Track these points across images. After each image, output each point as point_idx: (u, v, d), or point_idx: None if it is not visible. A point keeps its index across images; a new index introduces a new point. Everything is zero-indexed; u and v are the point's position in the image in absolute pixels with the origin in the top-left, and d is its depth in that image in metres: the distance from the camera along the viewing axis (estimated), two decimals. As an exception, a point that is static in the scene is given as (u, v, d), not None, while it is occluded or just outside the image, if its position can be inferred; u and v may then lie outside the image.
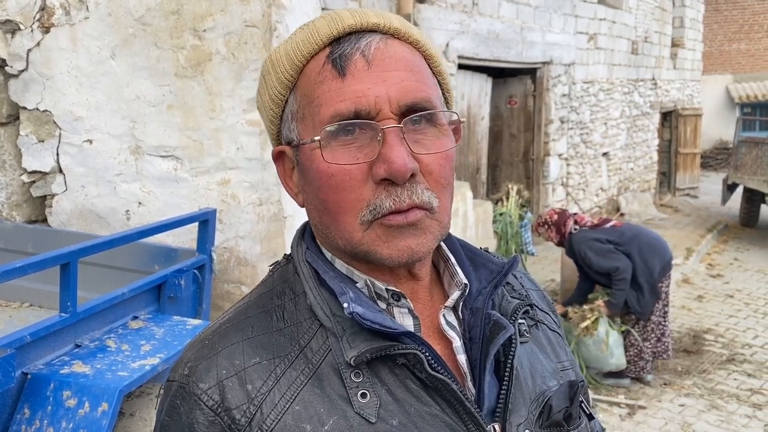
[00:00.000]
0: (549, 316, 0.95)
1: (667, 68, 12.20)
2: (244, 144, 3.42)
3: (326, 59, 0.74)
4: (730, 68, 19.71)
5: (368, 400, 0.70)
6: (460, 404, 0.72)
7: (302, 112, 0.76)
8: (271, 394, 0.70)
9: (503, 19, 7.07)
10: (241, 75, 3.33)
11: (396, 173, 0.70)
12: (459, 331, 0.80)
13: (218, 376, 0.72)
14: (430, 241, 0.74)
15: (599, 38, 9.29)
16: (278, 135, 0.82)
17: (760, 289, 7.75)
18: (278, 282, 0.81)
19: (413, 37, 0.78)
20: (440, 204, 0.74)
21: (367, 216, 0.72)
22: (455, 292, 0.81)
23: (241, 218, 3.50)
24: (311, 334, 0.74)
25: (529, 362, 0.83)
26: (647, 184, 11.82)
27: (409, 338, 0.73)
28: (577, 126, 8.87)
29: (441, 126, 0.76)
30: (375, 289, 0.77)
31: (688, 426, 4.39)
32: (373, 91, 0.71)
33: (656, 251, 4.66)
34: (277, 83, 0.78)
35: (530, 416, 0.79)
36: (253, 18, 3.27)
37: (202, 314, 3.08)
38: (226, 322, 0.78)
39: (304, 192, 0.80)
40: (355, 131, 0.72)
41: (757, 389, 4.98)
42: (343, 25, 0.75)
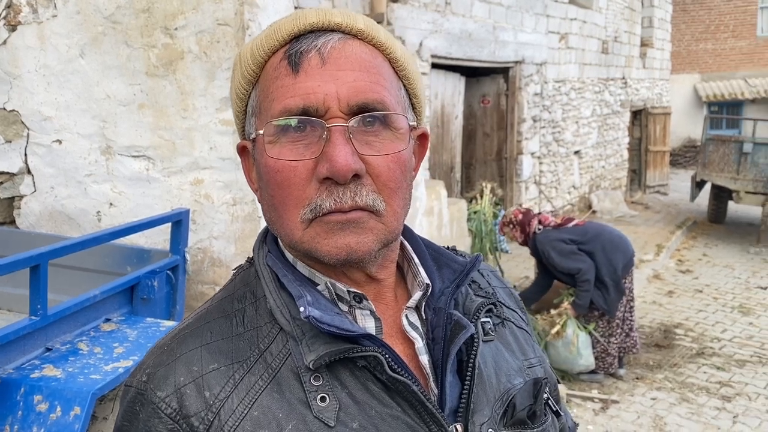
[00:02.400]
0: (516, 313, 0.94)
1: (636, 67, 12.39)
2: (218, 143, 3.39)
3: (283, 55, 0.74)
4: (697, 68, 20.07)
5: (327, 404, 0.70)
6: (421, 405, 0.71)
7: (259, 107, 0.76)
8: (229, 400, 0.70)
9: (476, 19, 7.11)
10: (213, 74, 3.30)
11: (337, 173, 0.69)
12: (422, 332, 0.80)
13: (176, 384, 0.71)
14: (371, 242, 0.72)
15: (570, 38, 9.40)
16: (243, 130, 0.82)
17: (727, 284, 7.91)
18: (240, 286, 0.80)
19: (377, 39, 0.77)
20: (388, 208, 0.73)
21: (308, 215, 0.71)
22: (417, 293, 0.80)
23: (215, 218, 3.48)
24: (271, 339, 0.74)
25: (494, 361, 0.83)
26: (618, 182, 11.99)
27: (369, 340, 0.72)
28: (550, 125, 8.96)
29: (397, 130, 0.74)
30: (336, 291, 0.76)
31: (660, 419, 4.47)
32: (322, 89, 0.71)
33: (619, 248, 4.73)
34: (241, 79, 0.78)
35: (494, 415, 0.78)
36: (225, 16, 3.25)
37: (176, 316, 3.05)
38: (186, 328, 0.78)
39: (259, 187, 0.79)
40: (305, 129, 0.72)
41: (725, 382, 5.08)
42: (305, 22, 0.75)
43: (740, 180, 9.61)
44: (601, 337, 4.83)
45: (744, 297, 7.40)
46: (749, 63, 19.65)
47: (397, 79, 0.78)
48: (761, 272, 8.45)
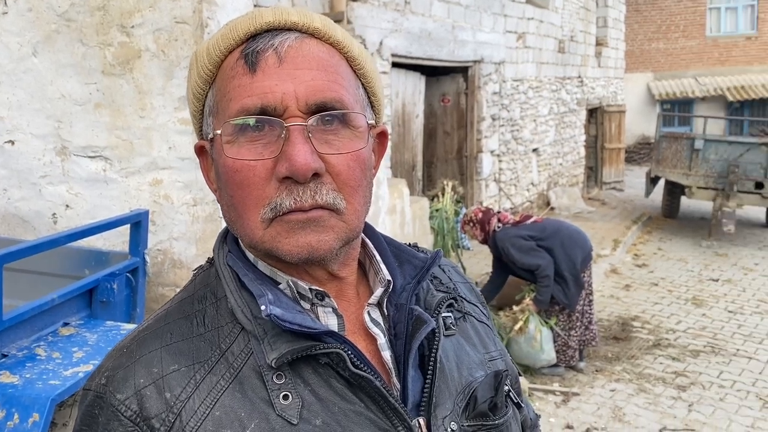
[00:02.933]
0: (477, 307, 0.96)
1: (592, 66, 12.64)
2: (177, 143, 3.35)
3: (240, 54, 0.74)
4: (650, 67, 20.58)
5: (290, 402, 0.70)
6: (384, 400, 0.72)
7: (216, 107, 0.76)
8: (190, 401, 0.69)
9: (435, 18, 7.16)
10: (171, 72, 3.26)
11: (297, 171, 0.69)
12: (384, 328, 0.80)
13: (136, 386, 0.70)
14: (332, 240, 0.73)
15: (528, 37, 9.53)
16: (200, 129, 0.81)
17: (681, 277, 8.14)
18: (200, 286, 0.80)
19: (334, 38, 0.77)
20: (348, 206, 0.74)
21: (268, 214, 0.71)
22: (378, 290, 0.81)
23: (175, 219, 3.43)
24: (232, 338, 0.73)
25: (456, 354, 0.84)
26: (575, 179, 12.21)
27: (332, 337, 0.72)
28: (508, 123, 9.07)
29: (356, 129, 0.75)
30: (298, 289, 0.77)
31: (619, 409, 4.58)
32: (280, 88, 0.71)
33: (577, 243, 4.84)
34: (197, 78, 0.78)
35: (456, 408, 0.79)
36: (183, 14, 3.20)
37: (137, 318, 3.00)
38: (145, 329, 0.77)
39: (218, 188, 0.79)
40: (264, 128, 0.71)
41: (681, 372, 5.23)
42: (262, 21, 0.74)
43: (692, 176, 9.89)
44: (562, 331, 4.93)
45: (697, 289, 7.63)
46: (699, 62, 20.24)
47: (355, 78, 0.79)
48: (713, 265, 8.72)
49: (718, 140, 9.95)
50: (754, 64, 19.78)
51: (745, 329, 6.31)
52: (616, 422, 4.41)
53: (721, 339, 6.02)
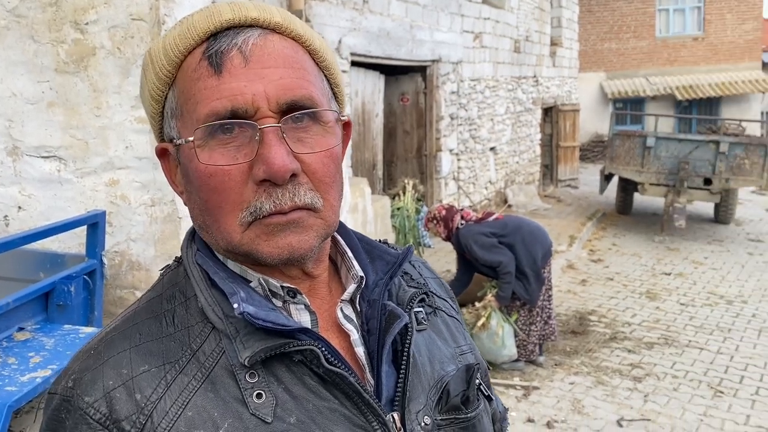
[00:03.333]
0: (447, 302, 0.96)
1: (547, 66, 12.85)
2: (134, 142, 3.29)
3: (202, 56, 0.72)
4: (603, 66, 21.06)
5: (264, 400, 0.69)
6: (358, 396, 0.72)
7: (180, 110, 0.74)
8: (161, 402, 0.68)
9: (393, 18, 7.18)
10: (128, 70, 3.20)
11: (275, 174, 0.68)
12: (357, 324, 0.80)
13: (105, 388, 0.69)
14: (312, 239, 0.73)
15: (484, 37, 9.64)
16: (161, 132, 0.79)
17: (635, 271, 8.35)
18: (168, 286, 0.78)
19: (296, 32, 0.75)
20: (325, 203, 0.74)
21: (247, 218, 0.71)
22: (351, 286, 0.81)
23: (133, 220, 3.37)
24: (203, 338, 0.72)
25: (428, 349, 0.84)
26: (532, 177, 12.41)
27: (305, 334, 0.72)
28: (466, 122, 9.17)
29: (326, 124, 0.75)
30: (269, 287, 0.76)
31: (578, 402, 4.67)
32: (250, 89, 0.69)
33: (538, 239, 4.92)
34: (155, 79, 0.75)
35: (429, 402, 0.79)
36: (139, 11, 3.14)
37: (95, 322, 2.94)
38: (113, 330, 0.75)
39: (186, 191, 0.77)
40: (234, 130, 0.70)
41: (636, 364, 5.37)
42: (221, 19, 0.72)
43: (644, 173, 10.15)
44: (523, 326, 5.00)
45: (651, 283, 7.84)
46: (649, 62, 20.80)
47: (318, 71, 0.78)
48: (665, 259, 8.97)
49: (669, 138, 10.24)
50: (701, 64, 20.43)
51: (696, 321, 6.52)
52: (576, 414, 4.50)
53: (674, 331, 6.20)
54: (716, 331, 6.25)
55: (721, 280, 8.05)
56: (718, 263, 8.82)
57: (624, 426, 4.33)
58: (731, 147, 9.59)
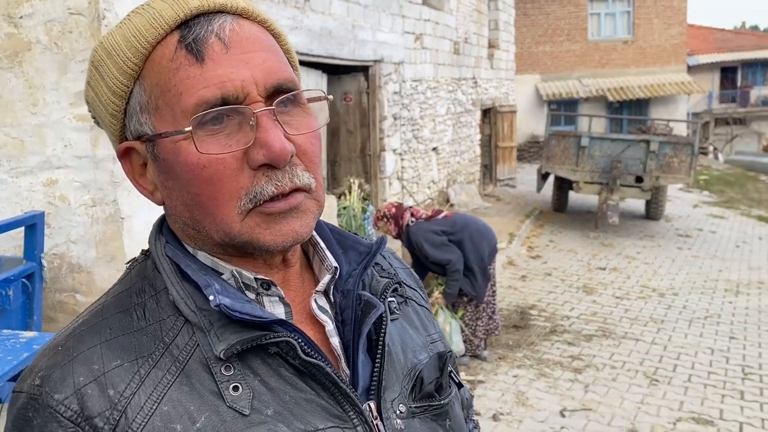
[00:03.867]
0: (417, 292, 0.97)
1: (485, 68, 13.09)
2: (73, 141, 3.18)
3: (178, 44, 0.70)
4: (538, 69, 21.61)
5: (241, 393, 0.68)
6: (335, 386, 0.72)
7: (155, 103, 0.71)
8: (135, 397, 0.66)
9: (335, 17, 7.17)
10: (66, 66, 3.09)
11: (277, 157, 0.68)
12: (331, 315, 0.80)
13: (75, 384, 0.67)
14: (311, 221, 0.74)
15: (425, 38, 9.75)
16: (122, 130, 0.76)
17: (572, 267, 8.62)
18: (137, 279, 0.76)
19: (261, 17, 0.75)
20: (316, 183, 0.74)
21: (247, 204, 0.70)
22: (326, 276, 0.81)
23: (72, 221, 3.26)
24: (176, 331, 0.71)
25: (401, 338, 0.85)
26: (472, 176, 12.61)
27: (281, 326, 0.71)
28: (409, 122, 9.24)
29: (304, 105, 0.75)
30: (243, 279, 0.75)
31: (522, 394, 4.79)
32: (238, 75, 0.69)
33: (485, 237, 5.02)
34: (117, 73, 0.72)
35: (404, 390, 0.80)
36: (78, 5, 3.05)
37: (34, 326, 2.83)
38: (82, 325, 0.73)
39: (165, 188, 0.75)
40: (222, 119, 0.69)
41: (576, 356, 5.54)
42: (189, 7, 0.71)
43: (579, 171, 10.48)
44: (469, 321, 5.09)
45: (587, 278, 8.10)
46: (582, 65, 21.48)
47: (284, 55, 0.78)
48: (600, 255, 9.29)
49: (602, 138, 10.60)
50: (631, 67, 21.23)
51: (631, 313, 6.78)
52: (520, 407, 4.61)
53: (610, 323, 6.44)
54: (650, 322, 6.51)
55: (653, 274, 8.40)
56: (649, 258, 9.20)
57: (567, 416, 4.47)
58: (661, 146, 10.00)
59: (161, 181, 0.75)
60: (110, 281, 3.36)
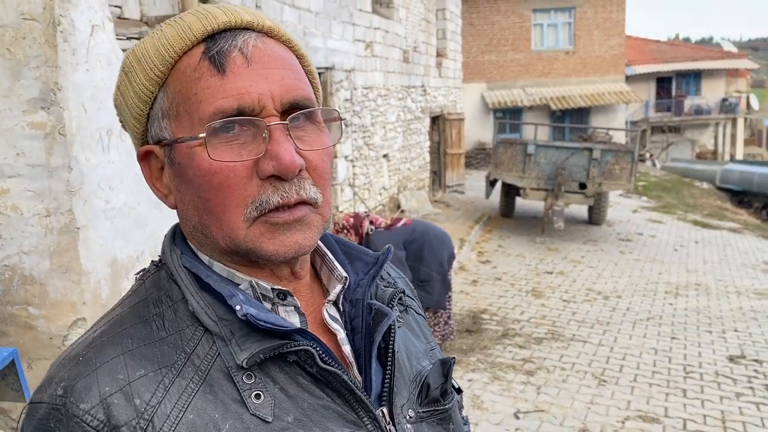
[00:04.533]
0: (414, 301, 1.01)
1: (434, 76, 13.27)
2: (26, 149, 3.10)
3: (202, 56, 0.73)
4: (484, 77, 22.02)
5: (263, 401, 0.70)
6: (350, 393, 0.74)
7: (176, 110, 0.75)
8: (161, 406, 0.68)
9: (286, 24, 7.17)
10: (19, 73, 3.01)
11: (286, 170, 0.71)
12: (341, 323, 0.83)
13: (101, 394, 0.67)
14: (315, 235, 0.76)
15: (375, 46, 9.83)
16: (144, 134, 0.79)
17: (521, 271, 8.81)
18: (152, 290, 0.78)
19: (285, 36, 0.79)
20: (323, 199, 0.77)
21: (253, 212, 0.72)
22: (337, 286, 0.83)
23: (25, 231, 3.17)
24: (196, 341, 0.73)
25: (405, 345, 0.89)
26: (422, 183, 12.75)
27: (300, 335, 0.74)
28: (360, 129, 9.30)
29: (319, 123, 0.78)
30: (260, 290, 0.77)
31: (477, 398, 4.88)
32: (256, 89, 0.72)
33: (444, 243, 5.09)
34: (144, 80, 0.76)
35: (411, 396, 0.84)
36: (32, 10, 2.98)
37: (-14, 341, 2.74)
38: (101, 336, 0.74)
39: (178, 192, 0.77)
40: (235, 128, 0.72)
41: (528, 358, 5.68)
42: (217, 22, 0.74)
43: (526, 178, 10.74)
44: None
45: (535, 282, 8.31)
46: (526, 74, 22.00)
47: (305, 75, 0.81)
48: (547, 259, 9.53)
49: (548, 146, 10.90)
50: (573, 77, 21.87)
51: (578, 316, 6.99)
52: (476, 410, 4.70)
53: (559, 326, 6.62)
54: (596, 324, 6.73)
55: (597, 277, 8.68)
56: (593, 261, 9.50)
57: (521, 418, 4.58)
58: (603, 154, 10.35)
59: (175, 185, 0.77)
60: (65, 293, 3.27)
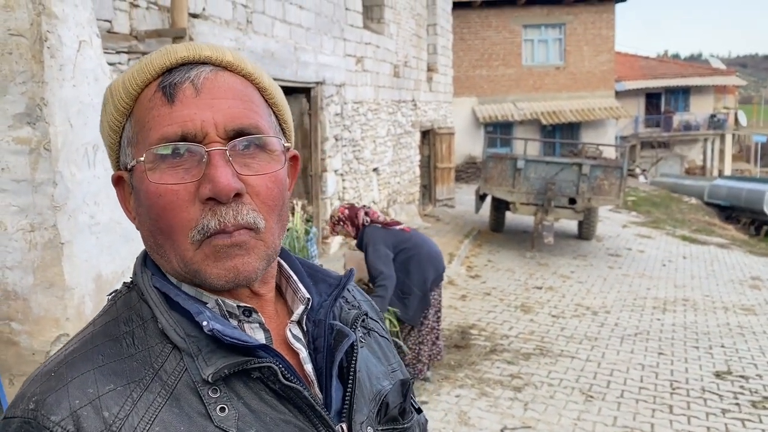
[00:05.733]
0: (378, 324, 1.04)
1: (424, 91, 13.35)
2: (11, 164, 3.09)
3: (157, 87, 0.78)
4: (474, 92, 22.15)
5: (227, 414, 0.73)
6: (311, 409, 0.78)
7: (135, 138, 0.79)
8: (129, 419, 0.70)
9: (277, 39, 7.21)
10: (5, 88, 3.01)
11: (220, 192, 0.74)
12: (304, 343, 0.86)
13: (71, 407, 0.70)
14: (255, 261, 0.78)
15: (366, 61, 9.88)
16: (117, 161, 0.85)
17: (510, 286, 8.82)
18: (123, 309, 0.81)
19: (246, 70, 0.82)
20: (266, 225, 0.79)
21: (197, 236, 0.76)
22: (300, 307, 0.87)
23: (9, 246, 3.15)
24: (164, 357, 0.76)
25: (366, 366, 0.92)
26: (412, 196, 12.78)
27: (265, 351, 0.77)
28: (350, 143, 9.33)
29: (272, 152, 0.81)
30: (226, 308, 0.81)
31: (464, 414, 4.87)
32: (199, 116, 0.76)
33: (432, 263, 5.00)
34: (114, 111, 0.81)
35: (370, 414, 0.87)
36: (19, 26, 2.98)
37: (-33, 357, 2.71)
38: (72, 353, 0.77)
39: (138, 214, 0.82)
40: (183, 154, 0.76)
41: (515, 374, 5.68)
42: (176, 56, 0.79)
43: (516, 193, 10.78)
44: (413, 345, 5.08)
45: (524, 297, 8.31)
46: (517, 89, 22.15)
47: (266, 106, 0.84)
48: (536, 274, 9.55)
49: (538, 161, 10.95)
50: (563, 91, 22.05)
51: (567, 331, 7.00)
52: (463, 426, 4.69)
53: (547, 342, 6.62)
54: (585, 340, 6.74)
55: (586, 292, 8.70)
56: (583, 277, 9.52)
57: (507, 434, 4.57)
58: (592, 169, 10.41)
59: (135, 207, 0.82)
60: (48, 308, 3.26)
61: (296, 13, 7.69)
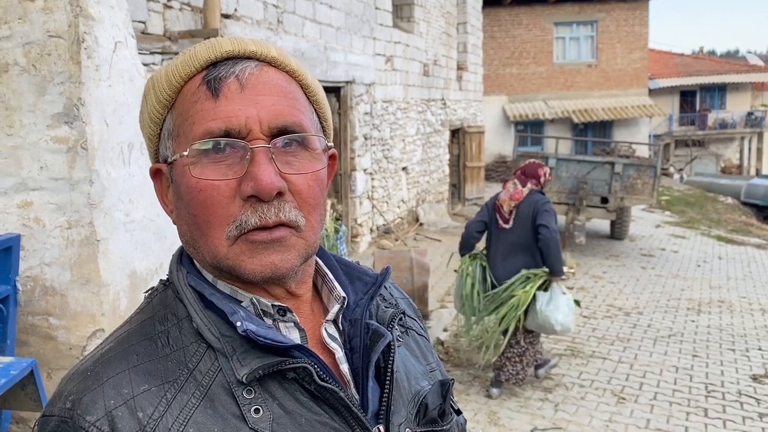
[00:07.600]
0: (417, 322, 1.02)
1: (454, 89, 13.30)
2: (49, 162, 3.16)
3: (202, 81, 0.77)
4: (505, 90, 21.98)
5: (261, 415, 0.73)
6: (347, 410, 0.76)
7: (177, 131, 0.79)
8: (163, 420, 0.71)
9: (308, 39, 7.25)
10: (44, 88, 3.08)
11: (262, 191, 0.73)
12: (340, 342, 0.85)
13: (106, 407, 0.71)
14: (294, 258, 0.77)
15: (395, 60, 9.88)
16: (156, 153, 0.84)
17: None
18: (159, 308, 0.81)
19: (290, 67, 0.82)
20: (307, 223, 0.78)
21: (233, 231, 0.75)
22: (335, 306, 0.85)
23: (47, 243, 3.22)
24: (199, 357, 0.75)
25: (404, 365, 0.90)
26: (441, 195, 12.75)
27: (300, 351, 0.76)
28: (379, 142, 9.33)
29: (313, 150, 0.80)
30: (261, 307, 0.80)
31: (494, 414, 4.84)
32: (244, 112, 0.75)
33: None
34: (155, 103, 0.81)
35: (409, 415, 0.85)
36: (57, 28, 3.05)
37: (7, 350, 2.79)
38: (108, 352, 0.77)
39: (176, 208, 0.81)
40: (226, 150, 0.75)
41: (546, 375, 5.62)
42: (221, 50, 0.78)
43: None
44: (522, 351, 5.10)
45: (555, 297, 8.21)
46: (548, 87, 21.93)
47: (309, 104, 0.83)
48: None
49: (569, 159, 10.82)
50: (595, 90, 21.76)
51: (598, 332, 6.90)
52: (492, 426, 4.66)
53: (578, 342, 6.55)
54: (617, 341, 6.65)
55: (618, 293, 8.57)
56: (615, 277, 9.38)
57: (538, 435, 4.53)
58: (625, 168, 10.25)
59: (174, 201, 0.82)
60: (84, 304, 3.32)
61: (326, 12, 7.72)
